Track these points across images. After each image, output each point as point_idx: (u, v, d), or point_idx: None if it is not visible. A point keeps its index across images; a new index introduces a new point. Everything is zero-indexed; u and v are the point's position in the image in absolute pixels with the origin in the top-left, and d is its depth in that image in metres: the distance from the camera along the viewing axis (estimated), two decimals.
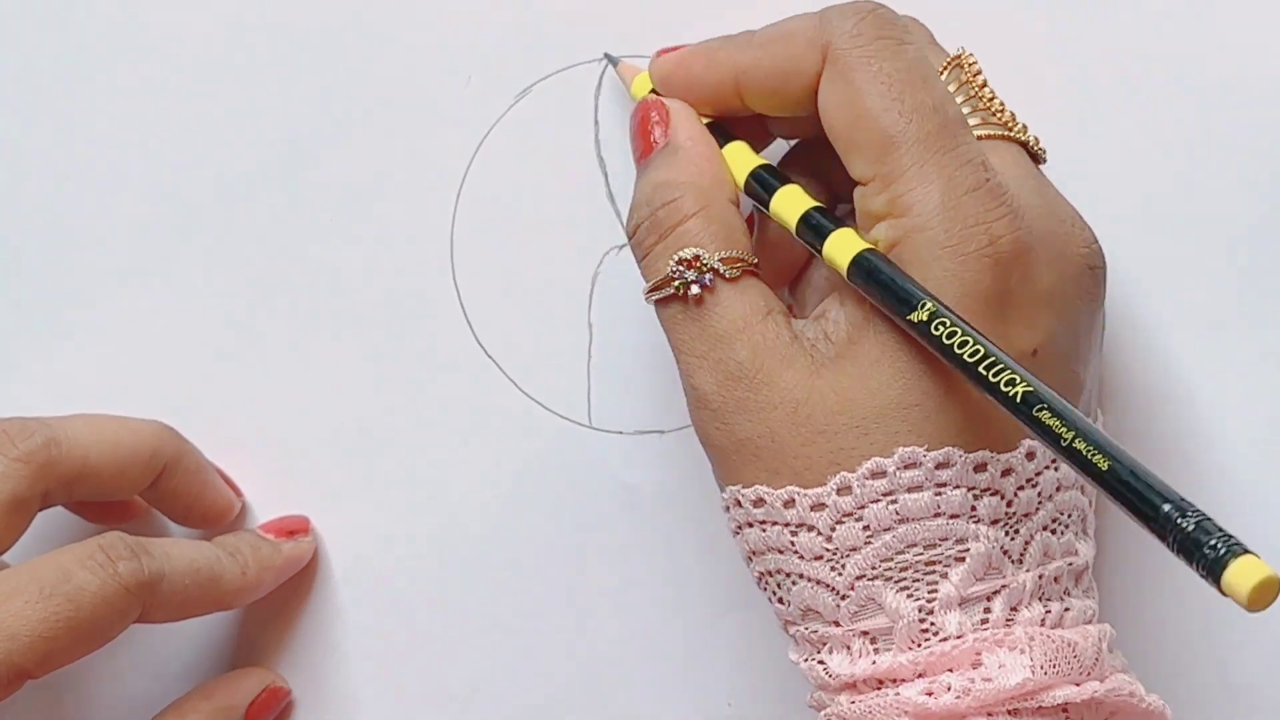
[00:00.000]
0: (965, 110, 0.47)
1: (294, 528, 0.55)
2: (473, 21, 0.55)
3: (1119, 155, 0.53)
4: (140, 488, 0.53)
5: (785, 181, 0.48)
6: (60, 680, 0.56)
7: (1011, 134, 0.47)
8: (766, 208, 0.48)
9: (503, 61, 0.55)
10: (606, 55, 0.54)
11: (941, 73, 0.47)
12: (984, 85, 0.48)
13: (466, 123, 0.55)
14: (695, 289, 0.46)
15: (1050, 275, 0.45)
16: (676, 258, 0.46)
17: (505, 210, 0.55)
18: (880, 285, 0.44)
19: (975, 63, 0.48)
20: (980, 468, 0.44)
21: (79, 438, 0.51)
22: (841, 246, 0.45)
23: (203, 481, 0.55)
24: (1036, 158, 0.48)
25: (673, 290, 0.47)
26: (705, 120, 0.50)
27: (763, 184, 0.48)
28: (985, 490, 0.44)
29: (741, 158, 0.49)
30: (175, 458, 0.54)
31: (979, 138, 0.46)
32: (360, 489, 0.56)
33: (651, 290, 0.47)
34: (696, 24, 0.54)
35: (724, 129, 0.50)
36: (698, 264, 0.46)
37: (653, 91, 0.51)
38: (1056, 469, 0.46)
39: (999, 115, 0.47)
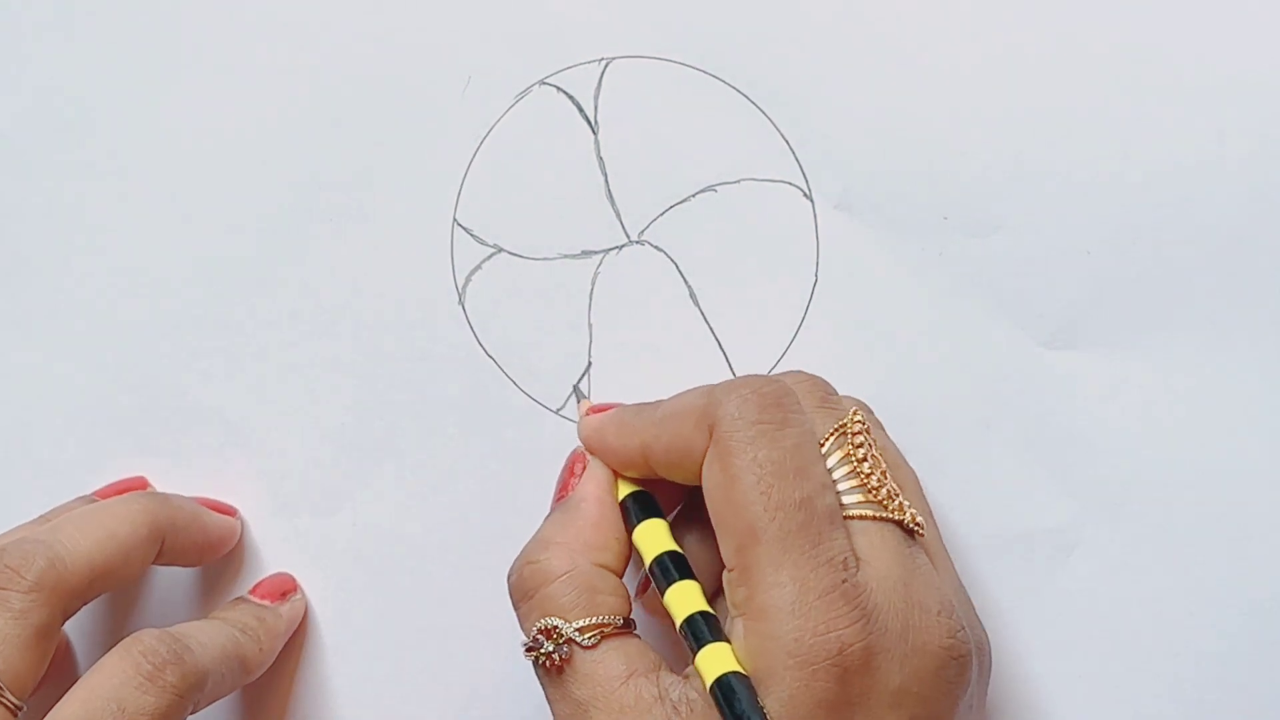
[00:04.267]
0: (849, 484, 0.47)
1: (285, 588, 0.55)
2: (473, 21, 0.55)
3: (1117, 154, 0.54)
4: (148, 563, 0.52)
5: (686, 575, 0.49)
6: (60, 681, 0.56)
7: (887, 513, 0.47)
8: (663, 594, 0.49)
9: (503, 61, 0.55)
10: (575, 389, 0.55)
11: (825, 441, 0.48)
12: (863, 460, 0.48)
13: (466, 123, 0.56)
14: (556, 658, 0.48)
15: (903, 674, 0.46)
16: (538, 626, 0.48)
17: (505, 210, 0.55)
18: (732, 713, 0.45)
19: (860, 431, 0.48)
20: None
21: (77, 547, 0.50)
22: (711, 661, 0.46)
23: (200, 527, 0.54)
24: (913, 534, 0.48)
25: (535, 657, 0.48)
26: (632, 488, 0.51)
27: (664, 572, 0.49)
28: None
29: (654, 537, 0.50)
30: (169, 522, 0.53)
31: (852, 517, 0.47)
32: (360, 489, 0.56)
33: (525, 652, 0.49)
34: (694, 24, 0.54)
35: (648, 502, 0.51)
36: (555, 635, 0.48)
37: None
38: None
39: (874, 493, 0.48)
